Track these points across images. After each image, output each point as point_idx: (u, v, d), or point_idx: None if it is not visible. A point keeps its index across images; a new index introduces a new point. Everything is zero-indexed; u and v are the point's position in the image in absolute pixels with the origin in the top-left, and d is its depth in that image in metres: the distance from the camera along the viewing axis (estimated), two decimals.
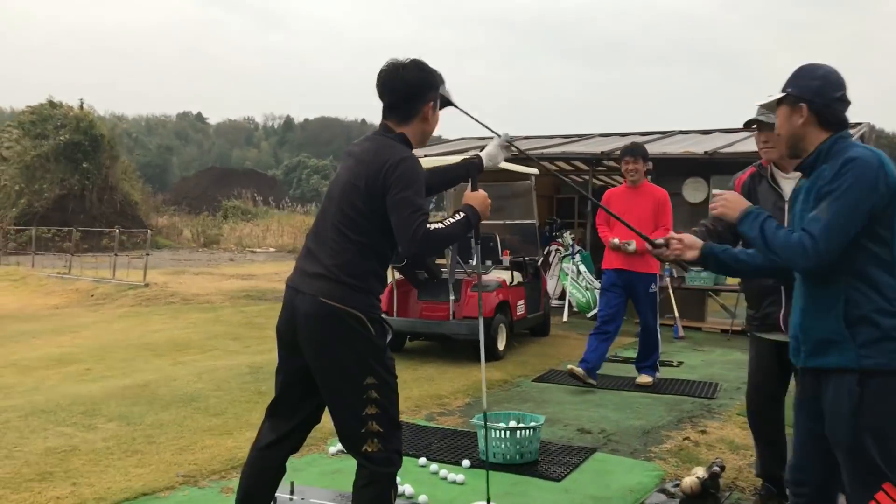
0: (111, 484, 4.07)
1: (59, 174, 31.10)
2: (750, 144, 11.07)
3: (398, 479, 4.07)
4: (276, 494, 3.82)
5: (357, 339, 2.79)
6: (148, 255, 16.55)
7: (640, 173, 6.54)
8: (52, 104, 33.02)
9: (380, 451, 2.81)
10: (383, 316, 2.98)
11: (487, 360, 7.58)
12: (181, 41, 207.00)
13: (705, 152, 10.51)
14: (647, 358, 6.72)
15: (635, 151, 6.58)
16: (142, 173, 41.51)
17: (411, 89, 2.89)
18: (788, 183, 3.63)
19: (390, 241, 2.84)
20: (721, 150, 10.56)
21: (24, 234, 26.98)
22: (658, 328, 6.74)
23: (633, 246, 6.31)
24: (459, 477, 4.21)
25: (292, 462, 4.44)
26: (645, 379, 6.64)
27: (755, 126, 3.73)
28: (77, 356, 8.25)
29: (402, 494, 3.94)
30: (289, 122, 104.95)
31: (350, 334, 2.78)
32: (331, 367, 2.81)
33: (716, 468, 4.03)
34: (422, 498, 3.87)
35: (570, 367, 6.53)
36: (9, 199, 31.22)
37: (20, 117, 34.52)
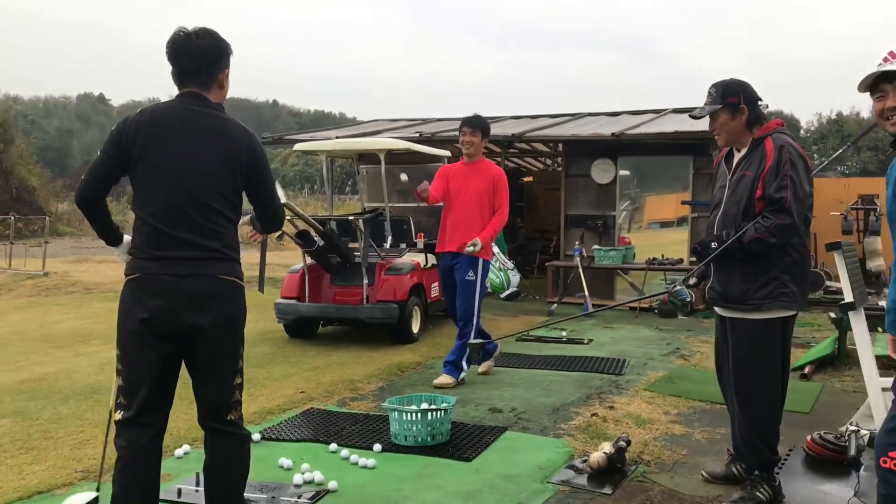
0: (3, 482, 3.88)
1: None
2: (654, 126, 11.37)
3: (307, 466, 4.03)
4: (181, 486, 3.73)
5: (243, 311, 3.03)
6: (47, 242, 15.84)
7: (475, 146, 6.13)
8: None
9: (239, 418, 3.06)
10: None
11: (402, 342, 7.63)
12: (80, 18, 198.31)
13: (613, 134, 10.71)
14: (454, 353, 6.08)
15: (474, 122, 6.15)
16: (40, 157, 39.61)
17: (209, 57, 2.98)
18: None
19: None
20: (628, 132, 10.78)
21: None
22: (472, 324, 6.02)
23: (478, 245, 5.91)
24: (370, 461, 4.18)
25: (200, 454, 4.33)
26: (445, 379, 5.97)
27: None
28: None
29: (312, 481, 3.89)
30: None
31: (241, 307, 3.01)
32: (223, 342, 2.95)
33: (622, 443, 4.12)
34: (332, 484, 3.83)
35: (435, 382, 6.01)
36: None
37: None
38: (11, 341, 8.30)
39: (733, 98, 3.61)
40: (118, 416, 2.95)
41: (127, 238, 3.09)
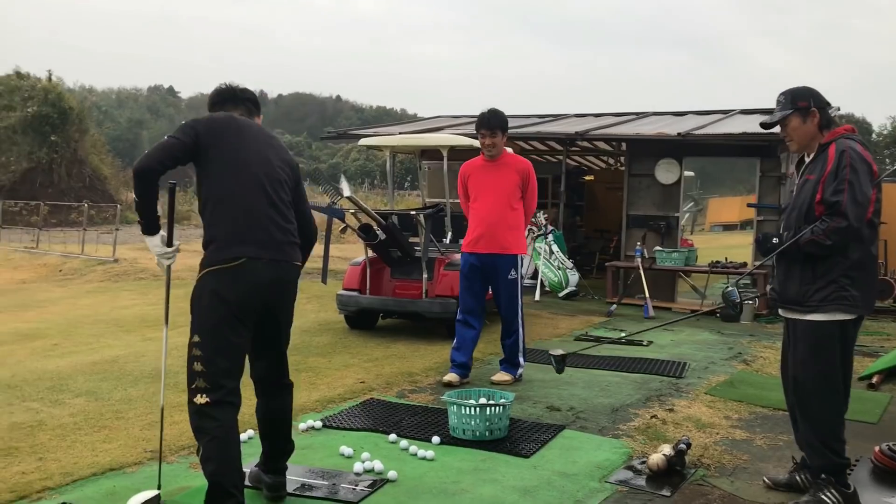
0: (78, 459, 4.04)
1: (27, 147, 30.53)
2: (721, 127, 11.18)
3: (367, 454, 4.11)
4: (246, 469, 3.83)
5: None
6: (117, 230, 16.36)
7: (497, 147, 5.91)
8: (19, 75, 32.38)
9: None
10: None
11: None
12: (153, 13, 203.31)
13: (678, 133, 10.56)
14: (512, 355, 6.06)
15: (492, 124, 5.85)
16: (112, 147, 40.80)
17: (254, 98, 3.61)
18: None
19: None
20: (694, 132, 10.62)
21: None
22: (521, 320, 6.05)
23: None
24: (429, 453, 4.23)
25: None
26: (503, 376, 6.01)
27: None
28: (44, 331, 8.15)
29: (372, 470, 3.95)
30: (262, 97, 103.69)
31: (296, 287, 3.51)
32: (290, 319, 3.51)
33: (682, 446, 4.08)
34: (391, 473, 3.89)
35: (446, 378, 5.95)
36: None
37: None
38: (84, 324, 8.61)
39: (803, 102, 3.64)
40: (204, 399, 3.06)
41: (162, 233, 3.28)
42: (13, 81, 32.03)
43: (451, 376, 5.95)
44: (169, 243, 3.28)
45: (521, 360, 6.05)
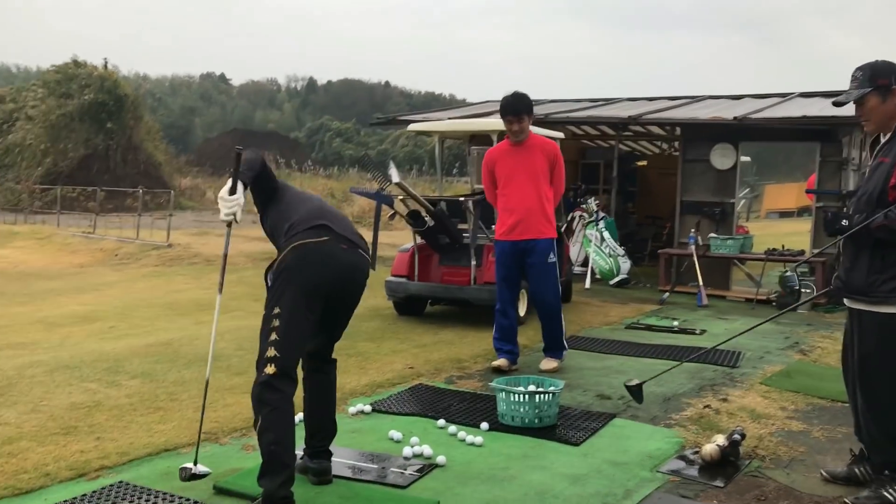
0: (134, 439, 4.12)
1: (84, 134, 31.27)
2: (780, 110, 10.89)
3: (416, 439, 4.11)
4: (296, 452, 3.86)
5: None
6: (171, 215, 16.66)
7: (525, 131, 5.76)
8: (76, 63, 33.12)
9: None
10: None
11: None
12: (206, 1, 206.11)
13: (735, 118, 10.32)
14: (554, 342, 5.99)
15: (517, 109, 5.68)
16: (165, 134, 41.59)
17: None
18: None
19: None
20: (751, 116, 10.37)
21: (49, 193, 27.23)
22: (560, 305, 5.98)
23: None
24: (478, 439, 4.21)
25: None
26: (550, 363, 5.93)
27: None
28: (101, 314, 8.35)
29: (421, 455, 3.95)
30: (312, 83, 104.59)
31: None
32: (357, 302, 3.59)
33: (736, 436, 3.99)
34: (440, 458, 3.88)
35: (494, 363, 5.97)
36: (34, 158, 31.49)
37: (45, 76, 34.68)
38: (139, 307, 8.80)
39: (884, 80, 3.42)
40: (272, 370, 3.14)
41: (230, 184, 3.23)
42: (71, 70, 32.80)
43: (501, 361, 5.93)
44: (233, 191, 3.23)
45: (565, 343, 6.02)
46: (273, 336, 3.14)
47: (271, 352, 3.12)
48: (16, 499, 3.37)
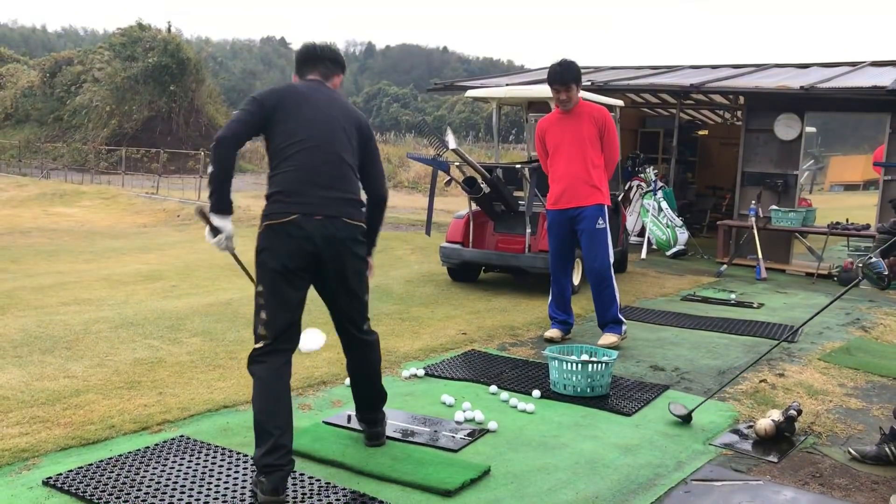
0: (194, 395, 4.25)
1: (148, 96, 31.89)
2: (849, 80, 10.52)
3: (468, 404, 4.15)
4: (350, 413, 3.94)
5: (362, 248, 3.44)
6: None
7: (573, 100, 5.66)
8: (141, 27, 33.68)
9: (370, 325, 3.60)
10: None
11: None
12: None
13: (801, 87, 10.01)
14: (607, 313, 5.82)
15: (564, 78, 5.57)
16: (226, 97, 42.12)
17: (334, 57, 3.62)
18: None
19: None
20: (819, 86, 10.04)
21: (114, 154, 27.93)
22: (612, 273, 5.80)
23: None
24: (530, 406, 4.24)
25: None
26: (609, 338, 5.75)
27: None
28: (163, 273, 8.58)
29: (473, 420, 4.00)
30: (370, 48, 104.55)
31: (360, 245, 3.42)
32: (351, 274, 3.35)
33: (792, 412, 3.94)
34: (492, 424, 3.92)
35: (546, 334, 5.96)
36: (100, 119, 32.29)
37: (111, 39, 35.35)
38: (200, 268, 9.01)
39: None
40: (260, 344, 3.22)
41: (219, 222, 3.27)
42: (135, 32, 33.37)
43: (553, 332, 5.92)
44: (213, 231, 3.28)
45: (621, 315, 5.87)
46: (261, 314, 3.21)
47: (260, 329, 3.21)
48: (83, 448, 3.52)
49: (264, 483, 2.98)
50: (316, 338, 4.12)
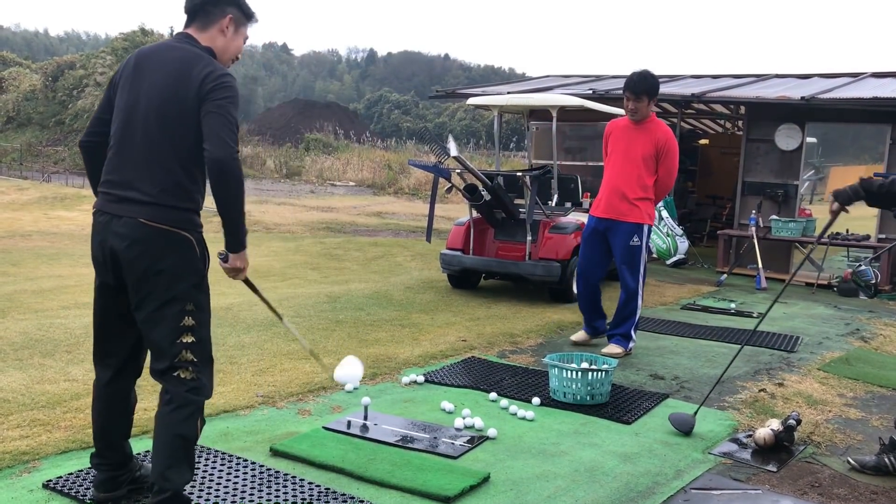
0: None
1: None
2: (850, 91, 10.56)
3: (468, 411, 4.16)
4: (350, 419, 3.95)
5: (182, 262, 2.75)
6: None
7: (641, 112, 5.67)
8: (143, 31, 33.78)
9: (191, 379, 2.79)
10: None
11: (561, 302, 7.63)
12: None
13: (802, 98, 10.04)
14: (621, 325, 5.84)
15: (637, 87, 5.61)
16: None
17: None
18: None
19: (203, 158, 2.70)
20: (819, 96, 10.07)
21: None
22: (640, 291, 5.84)
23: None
24: (529, 413, 4.24)
25: (367, 390, 4.57)
26: (613, 349, 5.75)
27: None
28: None
29: (472, 426, 4.00)
30: (372, 55, 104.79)
31: (173, 256, 2.73)
32: (150, 290, 2.72)
33: (791, 421, 3.94)
34: (491, 431, 3.93)
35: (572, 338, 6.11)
36: None
37: (113, 43, 35.44)
38: None
39: None
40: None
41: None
42: (138, 37, 33.46)
43: (578, 335, 6.06)
44: None
45: (633, 333, 5.86)
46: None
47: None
48: (83, 452, 3.52)
49: None
50: (354, 369, 4.00)
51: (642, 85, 5.62)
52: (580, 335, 6.08)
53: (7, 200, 20.02)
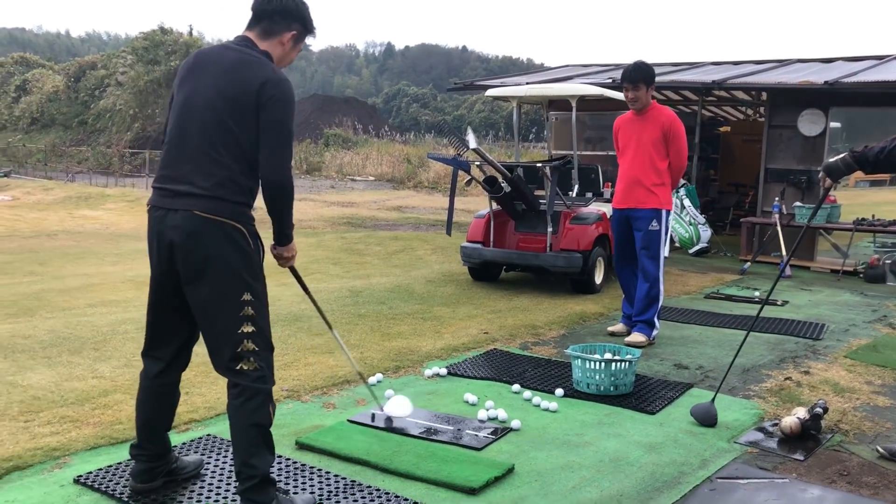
0: (220, 395, 4.29)
1: (170, 99, 32.16)
2: (875, 74, 10.40)
3: (491, 403, 4.16)
4: (374, 412, 3.97)
5: (236, 252, 2.79)
6: None
7: (641, 101, 5.73)
8: (163, 30, 34.01)
9: (255, 369, 2.83)
10: None
11: (583, 293, 7.62)
12: None
13: (826, 82, 9.91)
14: (643, 312, 5.83)
15: (633, 76, 5.68)
16: None
17: (282, 9, 2.91)
18: None
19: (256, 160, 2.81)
20: (843, 80, 9.93)
21: (137, 157, 28.19)
22: (661, 276, 5.84)
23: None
24: (553, 405, 4.24)
25: (390, 383, 4.59)
26: (636, 337, 5.76)
27: None
28: None
29: (496, 418, 4.01)
30: (390, 48, 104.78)
31: (228, 247, 2.77)
32: (207, 282, 2.77)
33: (818, 409, 3.91)
34: (515, 423, 3.93)
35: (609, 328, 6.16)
36: (124, 122, 32.63)
37: (133, 43, 35.73)
38: None
39: None
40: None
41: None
42: (157, 36, 33.70)
43: (616, 326, 6.11)
44: None
45: (657, 321, 5.87)
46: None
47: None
48: (112, 447, 3.57)
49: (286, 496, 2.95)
50: (403, 405, 4.02)
51: (638, 73, 5.70)
52: (619, 327, 6.10)
53: (33, 200, 20.28)
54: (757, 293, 8.00)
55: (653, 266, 5.78)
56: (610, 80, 11.44)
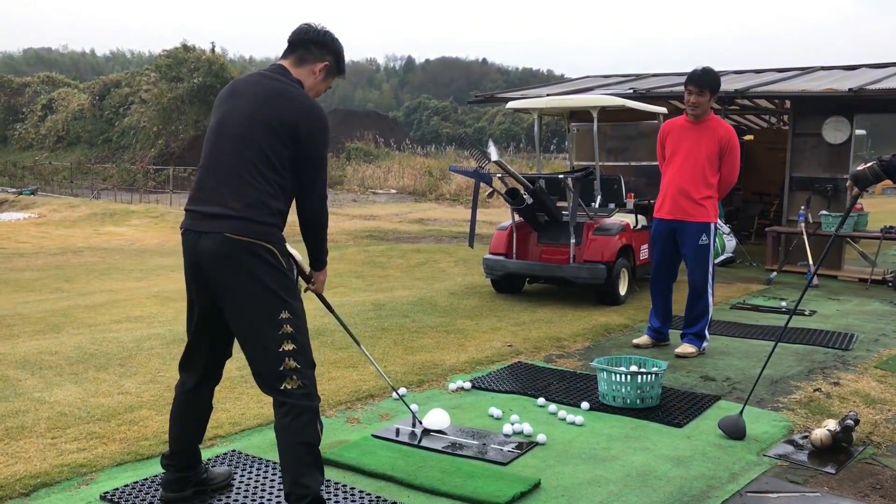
0: (245, 410, 4.30)
1: (193, 115, 32.55)
2: None
3: (516, 417, 4.13)
4: (398, 426, 3.96)
5: (269, 272, 2.81)
6: None
7: (702, 107, 5.56)
8: (185, 48, 34.41)
9: (300, 386, 2.83)
10: None
11: (608, 304, 7.56)
12: None
13: (850, 89, 9.81)
14: (693, 324, 5.82)
15: (701, 81, 5.50)
16: None
17: (318, 40, 3.04)
18: None
19: (291, 186, 2.91)
20: (868, 87, 9.83)
21: (161, 173, 28.48)
22: (710, 289, 5.82)
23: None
24: (579, 419, 4.20)
25: (415, 397, 4.58)
26: (686, 349, 5.75)
27: None
28: None
29: (521, 432, 3.98)
30: (410, 62, 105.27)
31: (262, 267, 2.80)
32: (244, 304, 2.80)
33: (849, 421, 3.84)
34: (540, 437, 3.90)
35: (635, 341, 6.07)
36: (148, 139, 33.02)
37: (157, 61, 36.18)
38: None
39: None
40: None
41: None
42: (181, 54, 34.10)
43: (641, 339, 6.03)
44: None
45: (707, 332, 5.80)
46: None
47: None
48: (138, 464, 3.58)
49: None
50: (441, 418, 4.05)
51: (706, 78, 5.53)
52: (643, 339, 6.02)
53: (59, 217, 20.54)
54: (784, 303, 7.91)
55: (703, 279, 5.73)
56: (631, 91, 11.40)
